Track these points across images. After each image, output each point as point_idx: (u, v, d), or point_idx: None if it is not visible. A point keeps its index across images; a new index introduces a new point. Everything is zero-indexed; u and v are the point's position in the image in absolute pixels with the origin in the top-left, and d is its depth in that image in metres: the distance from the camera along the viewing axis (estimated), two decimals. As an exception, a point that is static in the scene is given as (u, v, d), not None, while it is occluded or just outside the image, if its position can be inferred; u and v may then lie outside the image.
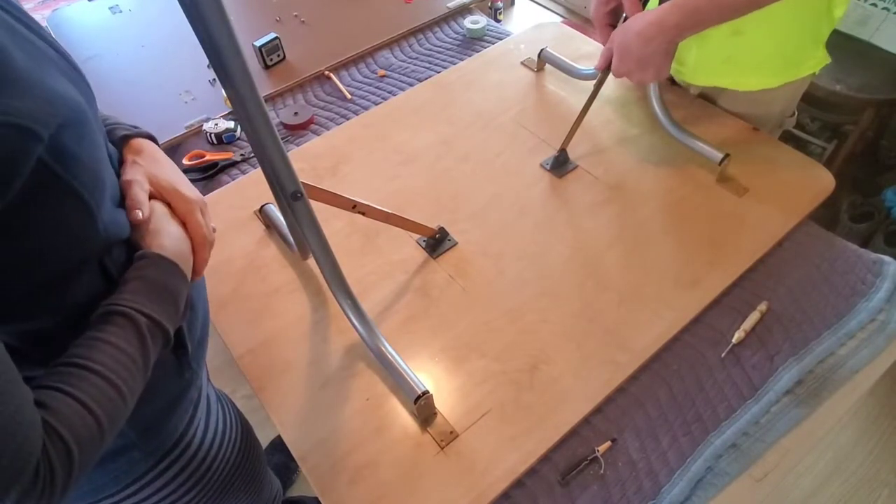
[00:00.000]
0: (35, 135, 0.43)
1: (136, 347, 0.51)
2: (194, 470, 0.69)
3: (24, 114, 0.42)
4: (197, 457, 0.69)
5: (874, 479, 1.48)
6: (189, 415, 0.68)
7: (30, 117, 0.42)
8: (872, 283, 0.91)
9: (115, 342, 0.49)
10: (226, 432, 0.75)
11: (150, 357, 0.52)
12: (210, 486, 0.71)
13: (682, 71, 1.09)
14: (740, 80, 1.03)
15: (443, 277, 0.93)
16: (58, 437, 0.43)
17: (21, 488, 0.39)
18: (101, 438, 0.46)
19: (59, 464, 0.42)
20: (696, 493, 0.74)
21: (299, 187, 0.67)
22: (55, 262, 0.48)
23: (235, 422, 0.78)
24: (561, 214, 1.01)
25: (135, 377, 0.50)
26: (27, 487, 0.40)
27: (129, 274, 0.54)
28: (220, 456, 0.72)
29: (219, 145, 1.28)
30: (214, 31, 0.52)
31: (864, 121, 1.70)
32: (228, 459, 0.74)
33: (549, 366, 0.82)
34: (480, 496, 0.72)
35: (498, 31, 1.55)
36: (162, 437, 0.65)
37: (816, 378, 0.82)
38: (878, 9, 1.67)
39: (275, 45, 1.44)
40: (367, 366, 0.84)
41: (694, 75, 1.10)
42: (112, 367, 0.48)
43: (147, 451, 0.63)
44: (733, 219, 0.98)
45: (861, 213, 1.78)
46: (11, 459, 0.38)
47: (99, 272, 0.53)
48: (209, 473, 0.71)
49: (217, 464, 0.72)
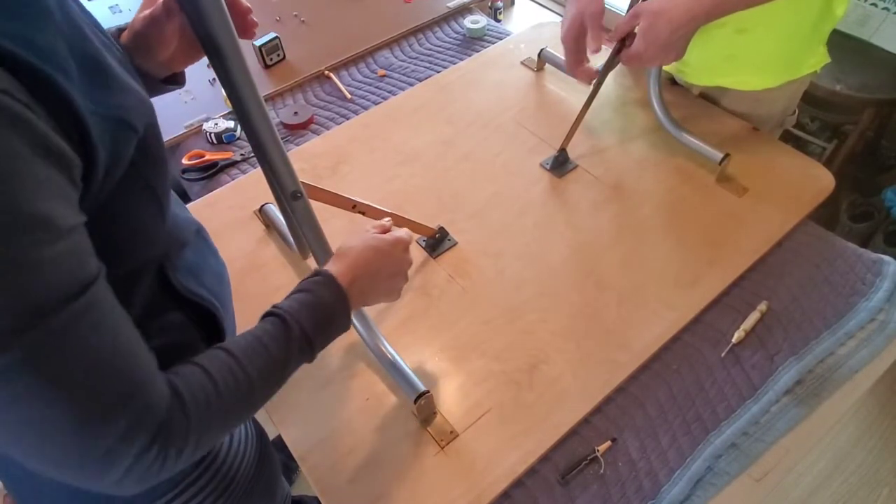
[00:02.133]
0: (135, 130, 0.46)
1: (281, 350, 0.53)
2: (223, 477, 0.69)
3: (126, 110, 0.45)
4: (225, 463, 0.69)
5: (874, 479, 1.48)
6: None
7: (130, 113, 0.46)
8: (872, 283, 0.91)
9: (261, 337, 0.52)
10: (248, 439, 0.75)
11: (289, 364, 0.55)
12: (235, 492, 0.71)
13: (684, 71, 1.09)
14: (743, 80, 1.03)
15: (443, 277, 0.93)
16: (179, 402, 0.44)
17: (140, 445, 0.41)
18: (222, 416, 0.48)
19: (177, 428, 0.44)
20: (695, 492, 0.74)
21: (299, 187, 0.67)
22: (126, 261, 0.49)
23: (253, 429, 0.78)
24: (561, 214, 1.01)
25: (270, 373, 0.52)
26: (145, 445, 0.42)
27: (303, 285, 0.59)
28: (245, 462, 0.73)
29: (218, 145, 1.28)
30: (214, 30, 0.52)
31: (864, 121, 1.70)
32: (251, 465, 0.74)
33: (548, 365, 0.82)
34: (480, 496, 0.72)
35: (498, 31, 1.55)
36: None
37: (816, 378, 0.82)
38: (878, 9, 1.67)
39: (275, 44, 1.44)
40: (367, 366, 0.84)
41: (697, 75, 1.10)
42: (250, 356, 0.50)
43: None
44: (733, 219, 0.98)
45: (861, 213, 1.78)
46: (138, 415, 0.41)
47: (157, 276, 0.55)
48: (235, 479, 0.71)
49: (242, 470, 0.72)
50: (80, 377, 0.39)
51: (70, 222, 0.39)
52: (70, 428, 0.39)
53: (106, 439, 0.40)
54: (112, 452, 0.41)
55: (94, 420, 0.39)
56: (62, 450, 0.40)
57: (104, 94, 0.44)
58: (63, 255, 0.38)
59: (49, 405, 0.38)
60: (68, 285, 0.38)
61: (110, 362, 0.41)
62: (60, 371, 0.38)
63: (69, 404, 0.38)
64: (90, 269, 0.40)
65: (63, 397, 0.38)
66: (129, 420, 0.41)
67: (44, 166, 0.37)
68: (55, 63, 0.39)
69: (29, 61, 0.36)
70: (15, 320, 0.36)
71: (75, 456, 0.40)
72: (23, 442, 0.40)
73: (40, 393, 0.37)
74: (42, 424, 0.39)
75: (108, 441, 0.40)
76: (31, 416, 0.38)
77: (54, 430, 0.39)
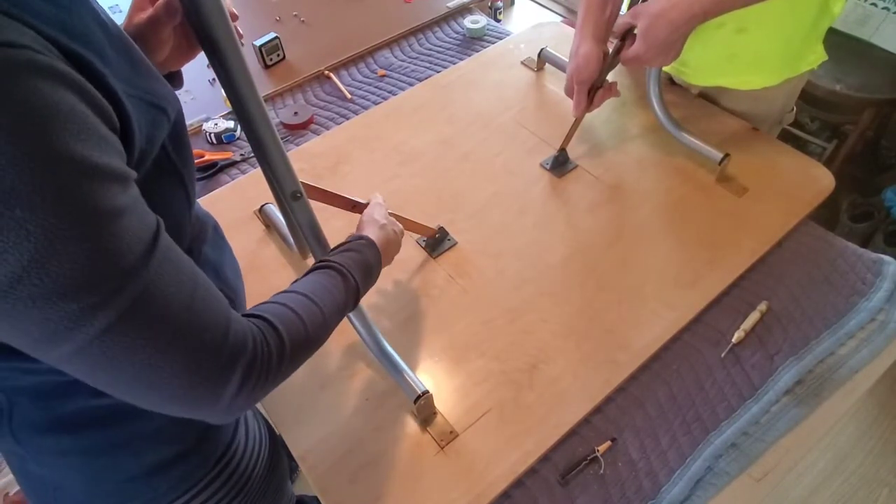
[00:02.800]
0: (168, 117, 0.49)
1: (341, 293, 0.60)
2: (238, 478, 0.70)
3: (161, 96, 0.48)
4: (241, 464, 0.70)
5: (874, 479, 1.48)
6: (235, 422, 0.70)
7: (165, 100, 0.48)
8: (872, 283, 0.91)
9: (326, 284, 0.60)
10: (262, 441, 0.76)
11: (346, 308, 0.62)
12: (249, 495, 0.72)
13: (684, 72, 1.09)
14: (743, 79, 1.03)
15: (443, 277, 0.93)
16: (269, 325, 0.50)
17: (245, 362, 0.46)
18: (306, 337, 0.53)
19: (273, 345, 0.49)
20: (695, 492, 0.74)
21: (299, 187, 0.67)
22: None
23: (266, 431, 0.79)
24: (561, 214, 1.01)
25: (335, 314, 0.59)
26: (249, 361, 0.46)
27: (348, 245, 0.67)
28: (259, 464, 0.74)
29: (218, 145, 1.28)
30: (214, 30, 0.52)
31: (864, 121, 1.70)
32: (265, 465, 0.75)
33: (548, 365, 0.82)
34: (480, 496, 0.72)
35: (498, 31, 1.55)
36: (215, 442, 0.66)
37: (816, 378, 0.82)
38: (878, 9, 1.67)
39: (275, 44, 1.44)
40: (367, 366, 0.84)
41: (697, 76, 1.09)
42: (318, 293, 0.57)
43: (203, 457, 0.64)
44: (733, 218, 0.98)
45: (861, 213, 1.78)
46: (235, 338, 0.45)
47: None
48: (250, 481, 0.72)
49: (257, 470, 0.73)
50: (182, 317, 0.42)
51: (130, 173, 0.40)
52: (180, 368, 0.42)
53: (213, 371, 0.44)
54: (220, 381, 0.45)
55: (201, 355, 0.43)
56: (175, 389, 0.43)
57: (138, 78, 0.45)
58: (135, 203, 0.40)
59: (159, 349, 0.41)
60: (146, 231, 0.40)
61: (203, 298, 0.44)
62: (163, 314, 0.40)
63: (177, 345, 0.42)
64: (153, 217, 0.42)
65: (170, 339, 0.41)
66: (231, 349, 0.45)
67: (101, 125, 0.38)
68: (91, 47, 0.40)
69: (68, 45, 0.37)
70: (113, 272, 0.37)
71: (187, 391, 0.44)
72: (137, 387, 0.43)
73: (149, 339, 0.40)
74: (155, 369, 0.41)
75: (215, 372, 0.44)
76: (144, 362, 0.41)
77: (166, 373, 0.42)
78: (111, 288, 0.37)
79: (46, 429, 0.54)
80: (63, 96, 0.35)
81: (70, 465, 0.57)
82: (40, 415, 0.54)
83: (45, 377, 0.51)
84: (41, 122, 0.34)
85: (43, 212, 0.34)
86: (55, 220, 0.34)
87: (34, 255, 0.34)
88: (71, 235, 0.35)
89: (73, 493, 0.60)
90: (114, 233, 0.37)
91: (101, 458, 0.57)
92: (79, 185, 0.35)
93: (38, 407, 0.53)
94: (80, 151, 0.35)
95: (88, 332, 0.37)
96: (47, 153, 0.34)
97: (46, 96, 0.34)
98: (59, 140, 0.34)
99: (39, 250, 0.34)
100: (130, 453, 0.58)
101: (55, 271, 0.35)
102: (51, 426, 0.54)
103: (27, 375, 0.50)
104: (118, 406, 0.55)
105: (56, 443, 0.55)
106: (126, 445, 0.58)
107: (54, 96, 0.35)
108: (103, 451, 0.57)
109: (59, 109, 0.35)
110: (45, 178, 0.34)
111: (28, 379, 0.51)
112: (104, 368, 0.41)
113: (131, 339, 0.39)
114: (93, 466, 0.58)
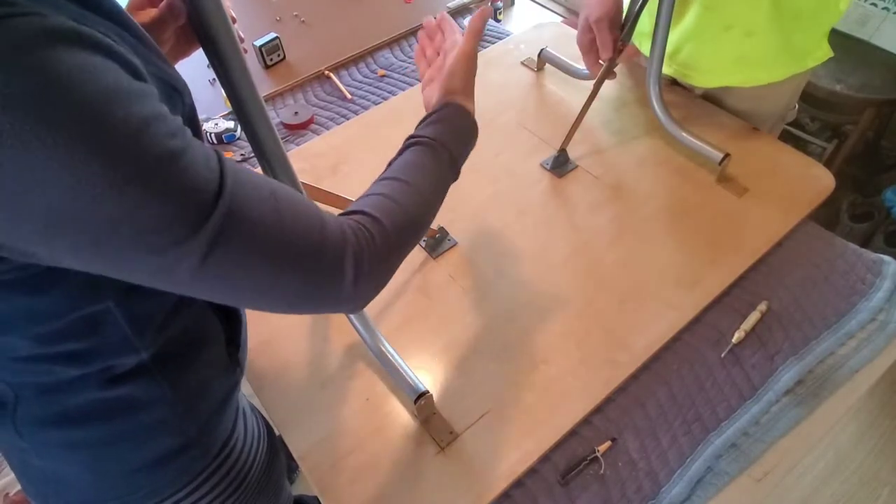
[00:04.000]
0: (182, 100, 0.50)
1: (436, 169, 0.61)
2: (238, 472, 0.70)
3: (175, 79, 0.49)
4: (240, 459, 0.70)
5: (874, 479, 1.48)
6: (234, 415, 0.70)
7: (179, 82, 0.50)
8: (872, 283, 0.91)
9: (417, 162, 0.60)
10: (260, 437, 0.76)
11: (447, 179, 0.63)
12: (247, 489, 0.72)
13: (690, 75, 1.08)
14: (749, 76, 1.03)
15: (443, 277, 0.93)
16: (364, 215, 0.52)
17: (351, 252, 0.48)
18: (405, 216, 0.55)
19: (375, 231, 0.51)
20: (695, 492, 0.74)
21: (299, 187, 0.67)
22: None
23: (264, 428, 0.79)
24: (561, 214, 1.01)
25: (435, 189, 0.61)
26: (355, 250, 0.49)
27: (438, 115, 0.64)
28: (257, 459, 0.74)
29: (218, 145, 1.28)
30: (215, 30, 0.52)
31: (864, 121, 1.70)
32: (263, 463, 0.75)
33: (549, 366, 0.82)
34: (480, 496, 0.72)
35: (498, 31, 1.55)
36: (215, 435, 0.66)
37: (816, 378, 0.82)
38: (878, 9, 1.67)
39: (275, 44, 1.44)
40: (367, 366, 0.84)
41: (705, 79, 1.08)
42: (408, 172, 0.58)
43: (203, 449, 0.65)
44: (733, 219, 0.98)
45: (861, 213, 1.79)
46: (333, 231, 0.48)
47: None
48: (249, 475, 0.72)
49: (255, 466, 0.73)
50: (275, 223, 0.44)
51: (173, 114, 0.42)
52: (291, 270, 0.45)
53: (323, 266, 0.47)
54: (334, 274, 0.47)
55: (306, 254, 0.46)
56: (296, 290, 0.47)
57: (154, 59, 0.47)
58: (193, 139, 0.42)
59: (265, 258, 0.44)
60: (210, 160, 0.42)
61: (288, 202, 0.46)
62: (254, 225, 0.43)
63: (279, 250, 0.44)
64: (210, 148, 0.44)
65: (271, 246, 0.44)
66: (333, 242, 0.47)
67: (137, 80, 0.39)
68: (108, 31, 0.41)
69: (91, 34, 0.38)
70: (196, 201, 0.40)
71: (308, 290, 0.47)
72: (261, 296, 0.46)
73: (251, 251, 0.43)
74: (269, 276, 0.44)
75: (326, 267, 0.47)
76: (256, 272, 0.44)
77: (282, 279, 0.45)
78: (199, 216, 0.40)
79: (52, 422, 0.55)
80: (91, 54, 0.36)
81: (73, 458, 0.58)
82: (46, 408, 0.54)
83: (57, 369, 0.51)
84: (82, 81, 0.35)
85: (116, 161, 0.36)
86: (132, 168, 0.37)
87: (120, 202, 0.37)
88: (150, 178, 0.37)
89: (75, 485, 0.60)
90: (182, 168, 0.39)
91: (103, 450, 0.58)
92: (142, 133, 0.37)
93: (45, 401, 0.54)
94: (130, 102, 0.37)
95: (193, 259, 0.40)
96: (100, 110, 0.35)
97: (78, 57, 0.35)
98: (106, 95, 0.36)
99: (124, 197, 0.37)
100: (133, 446, 0.59)
101: (144, 213, 0.38)
102: (56, 419, 0.55)
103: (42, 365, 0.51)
104: (123, 398, 0.56)
105: (61, 436, 0.56)
106: (129, 438, 0.58)
107: (83, 54, 0.36)
108: (107, 443, 0.57)
109: (95, 65, 0.36)
110: (108, 133, 0.36)
111: (35, 373, 0.51)
112: (223, 287, 0.44)
113: (235, 255, 0.42)
114: (96, 459, 0.58)
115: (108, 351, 0.53)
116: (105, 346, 0.52)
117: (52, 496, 0.61)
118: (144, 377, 0.56)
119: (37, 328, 0.48)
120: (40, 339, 0.49)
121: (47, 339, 0.49)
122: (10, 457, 0.62)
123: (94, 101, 0.35)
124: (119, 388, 0.55)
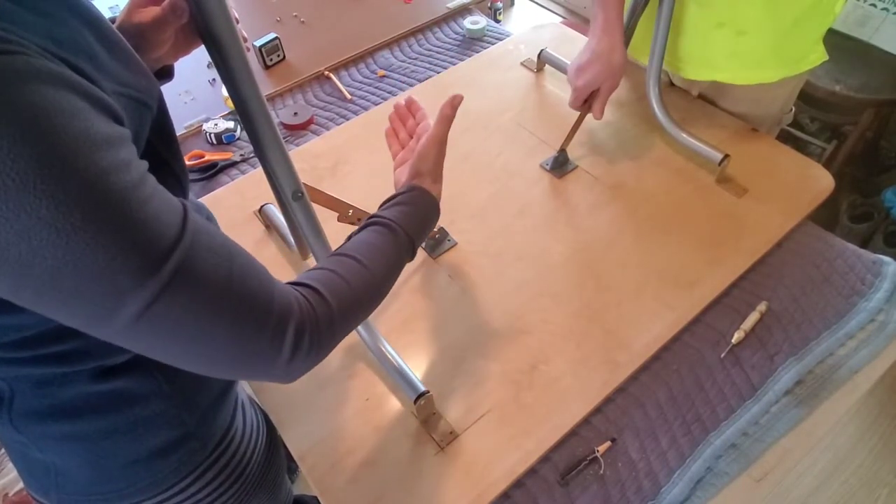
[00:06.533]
0: (150, 110, 0.49)
1: (393, 251, 0.61)
2: (237, 464, 0.70)
3: (143, 90, 0.48)
4: (239, 451, 0.71)
5: (874, 479, 1.48)
6: (233, 408, 0.70)
7: (147, 93, 0.48)
8: (872, 284, 0.91)
9: (374, 242, 0.60)
10: (259, 430, 0.77)
11: (401, 261, 0.63)
12: (246, 482, 0.73)
13: (682, 68, 1.09)
14: (739, 75, 1.03)
15: (443, 277, 0.93)
16: (312, 290, 0.51)
17: (294, 327, 0.47)
18: (353, 297, 0.54)
19: (319, 308, 0.50)
20: (695, 493, 0.74)
21: (300, 187, 0.67)
22: None
23: (263, 422, 0.79)
24: (561, 214, 1.01)
25: (388, 271, 0.60)
26: (298, 325, 0.48)
27: (403, 198, 0.66)
28: (256, 453, 0.74)
29: (218, 145, 1.28)
30: (218, 30, 0.52)
31: (863, 121, 1.70)
32: (261, 457, 0.76)
33: (548, 366, 0.82)
34: (480, 496, 0.72)
35: (498, 32, 1.55)
36: (214, 427, 0.66)
37: (816, 378, 0.82)
38: (878, 9, 1.67)
39: (275, 45, 1.44)
40: (367, 366, 0.84)
41: (695, 70, 1.08)
42: (364, 252, 0.58)
43: (202, 442, 0.65)
44: (733, 219, 0.98)
45: (861, 214, 1.79)
46: (280, 304, 0.47)
47: None
48: (248, 467, 0.73)
49: (254, 459, 0.74)
50: (224, 286, 0.43)
51: (143, 161, 0.42)
52: (229, 336, 0.44)
53: (263, 336, 0.46)
54: (272, 346, 0.46)
55: (248, 323, 0.45)
56: (230, 357, 0.46)
57: (125, 73, 0.46)
58: (158, 190, 0.41)
59: (205, 320, 0.43)
60: (174, 212, 0.41)
61: (241, 267, 0.45)
62: (203, 286, 0.42)
63: (222, 314, 0.43)
64: (177, 200, 0.43)
65: (215, 309, 0.43)
66: (278, 315, 0.46)
67: (107, 120, 0.39)
68: (82, 54, 0.40)
69: (58, 54, 0.38)
70: (148, 254, 0.39)
71: (242, 358, 0.46)
72: (194, 357, 0.45)
73: (193, 311, 0.42)
74: (205, 339, 0.43)
75: (265, 337, 0.46)
76: (193, 333, 0.43)
77: (218, 342, 0.44)
78: (148, 268, 0.39)
79: (47, 415, 0.55)
80: (64, 97, 0.36)
81: (72, 451, 0.58)
82: (41, 402, 0.54)
83: (46, 368, 0.51)
84: (49, 125, 0.34)
85: (68, 208, 0.35)
86: (81, 217, 0.36)
87: (67, 250, 0.36)
88: (100, 228, 0.37)
89: (75, 478, 0.60)
90: (143, 218, 0.39)
91: (102, 442, 0.58)
92: (99, 182, 0.36)
93: (40, 394, 0.54)
94: (93, 150, 0.36)
95: (131, 310, 0.39)
96: (61, 155, 0.35)
97: (50, 99, 0.35)
98: (69, 141, 0.35)
99: (71, 245, 0.36)
100: (131, 438, 0.59)
101: (89, 261, 0.37)
102: (51, 413, 0.55)
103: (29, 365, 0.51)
104: (117, 391, 0.56)
105: (57, 429, 0.56)
106: (127, 430, 0.58)
107: (57, 98, 0.35)
108: (104, 436, 0.58)
109: (64, 110, 0.35)
110: (64, 179, 0.35)
111: (30, 368, 0.51)
112: (157, 343, 0.43)
113: (176, 313, 0.41)
114: (94, 451, 0.58)
115: (97, 350, 0.52)
116: (92, 346, 0.52)
117: (53, 489, 0.61)
118: (138, 370, 0.56)
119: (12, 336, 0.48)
120: (18, 345, 0.49)
121: (28, 345, 0.49)
122: (12, 450, 0.62)
123: (57, 147, 0.35)
124: (112, 382, 0.55)
